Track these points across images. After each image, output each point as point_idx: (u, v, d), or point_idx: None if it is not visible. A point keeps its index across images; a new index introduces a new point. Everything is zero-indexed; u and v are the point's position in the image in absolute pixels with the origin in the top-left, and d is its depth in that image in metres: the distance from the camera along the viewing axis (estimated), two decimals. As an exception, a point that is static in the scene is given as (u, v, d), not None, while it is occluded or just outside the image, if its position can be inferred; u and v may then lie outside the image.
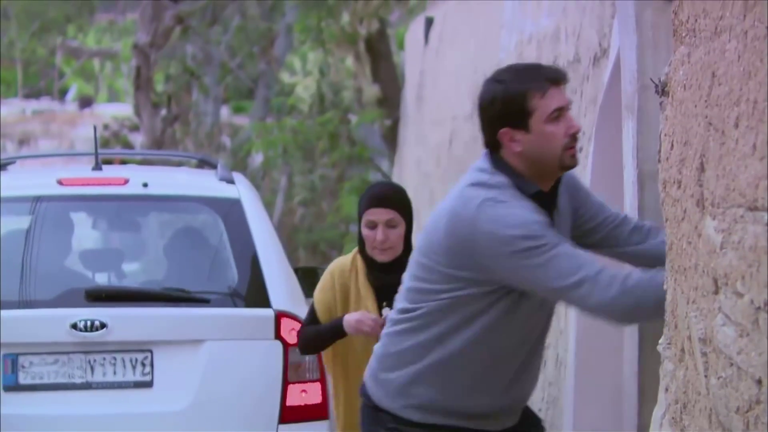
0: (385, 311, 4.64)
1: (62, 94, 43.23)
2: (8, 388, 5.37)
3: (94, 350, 5.41)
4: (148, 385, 5.44)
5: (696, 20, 2.36)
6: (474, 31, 8.24)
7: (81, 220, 6.27)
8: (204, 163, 6.94)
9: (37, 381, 5.40)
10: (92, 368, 5.44)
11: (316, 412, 5.42)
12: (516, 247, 3.39)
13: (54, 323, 5.37)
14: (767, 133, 1.97)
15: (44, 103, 40.05)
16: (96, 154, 6.07)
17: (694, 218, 2.38)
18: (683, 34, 2.47)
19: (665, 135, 2.60)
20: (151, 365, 5.46)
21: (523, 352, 3.68)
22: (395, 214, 4.69)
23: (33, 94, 41.86)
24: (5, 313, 5.37)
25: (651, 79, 3.16)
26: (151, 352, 5.45)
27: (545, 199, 3.57)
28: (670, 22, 2.60)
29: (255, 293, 5.50)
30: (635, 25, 3.88)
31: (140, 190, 5.87)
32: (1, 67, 35.72)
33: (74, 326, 5.35)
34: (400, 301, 3.74)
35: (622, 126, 4.02)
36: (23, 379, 5.40)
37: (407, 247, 4.72)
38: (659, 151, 2.66)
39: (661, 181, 2.64)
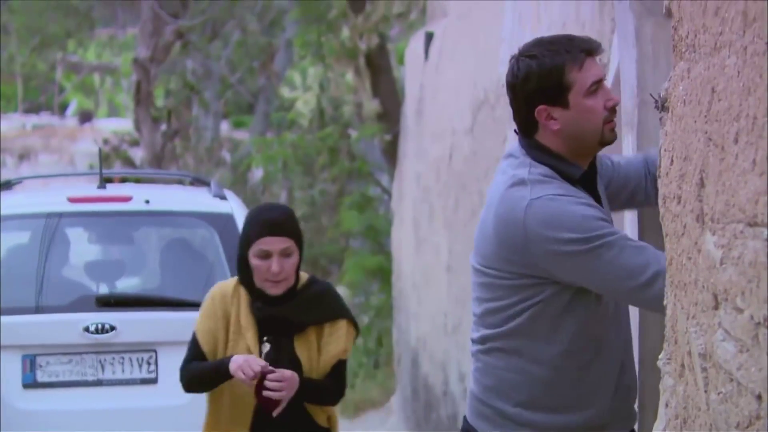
0: (265, 346, 4.33)
1: (62, 108, 43.23)
2: (27, 386, 5.97)
3: (104, 351, 6.02)
4: (153, 381, 6.06)
5: (696, 36, 2.36)
6: (474, 46, 8.25)
7: (90, 233, 6.85)
8: (197, 181, 7.50)
9: (54, 379, 6.00)
10: (103, 367, 6.02)
11: None
12: (576, 249, 3.14)
13: (68, 327, 5.98)
14: (767, 148, 1.97)
15: (44, 118, 40.07)
16: (101, 174, 6.55)
17: (693, 234, 2.38)
18: (683, 50, 2.47)
19: (665, 150, 2.60)
20: (156, 364, 6.04)
21: (622, 338, 3.39)
22: (291, 242, 4.29)
23: (33, 108, 41.85)
24: (24, 318, 5.98)
25: (651, 95, 3.15)
26: (155, 351, 6.04)
27: (589, 180, 3.35)
28: (669, 38, 2.60)
29: None
30: (635, 40, 3.88)
31: (143, 206, 6.41)
32: (1, 81, 35.72)
33: (86, 329, 5.96)
34: (476, 329, 3.41)
35: (621, 141, 4.01)
36: (41, 377, 5.99)
37: (297, 277, 4.36)
38: (659, 167, 2.66)
39: (661, 197, 2.64)
